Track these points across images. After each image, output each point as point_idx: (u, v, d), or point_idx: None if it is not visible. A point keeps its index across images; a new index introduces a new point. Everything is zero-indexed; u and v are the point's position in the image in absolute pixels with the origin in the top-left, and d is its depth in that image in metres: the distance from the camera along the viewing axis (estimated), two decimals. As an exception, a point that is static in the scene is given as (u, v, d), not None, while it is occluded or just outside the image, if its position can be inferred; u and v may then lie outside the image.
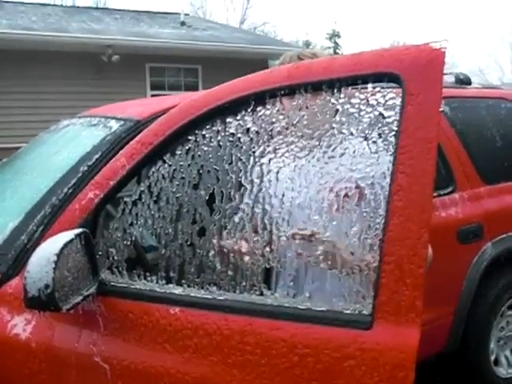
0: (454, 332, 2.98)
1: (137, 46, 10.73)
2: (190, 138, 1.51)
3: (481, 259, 2.98)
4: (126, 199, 1.61)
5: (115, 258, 1.61)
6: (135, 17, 13.29)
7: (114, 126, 2.15)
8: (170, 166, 1.54)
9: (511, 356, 3.31)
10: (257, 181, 1.41)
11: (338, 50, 24.21)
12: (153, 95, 10.94)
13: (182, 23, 13.05)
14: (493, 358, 3.20)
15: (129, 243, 1.62)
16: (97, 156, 1.98)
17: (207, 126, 1.49)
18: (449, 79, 3.61)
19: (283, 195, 1.40)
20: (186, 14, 14.07)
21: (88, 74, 10.31)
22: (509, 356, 3.30)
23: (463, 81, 3.53)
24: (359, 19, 64.49)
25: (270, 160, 1.42)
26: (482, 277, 2.97)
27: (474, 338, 3.08)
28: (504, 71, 36.47)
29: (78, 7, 14.91)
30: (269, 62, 12.80)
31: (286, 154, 1.41)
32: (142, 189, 1.58)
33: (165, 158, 1.54)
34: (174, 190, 1.54)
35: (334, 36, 23.94)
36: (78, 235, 1.51)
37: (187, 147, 1.51)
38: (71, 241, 1.47)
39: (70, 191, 1.85)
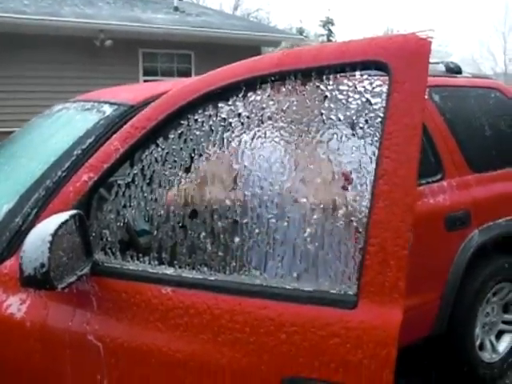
0: (441, 316, 3.04)
1: (130, 31, 10.65)
2: (182, 122, 1.54)
3: (467, 246, 3.03)
4: (119, 182, 1.64)
5: (108, 239, 1.64)
6: (128, 1, 13.13)
7: (108, 110, 2.18)
8: (162, 149, 1.57)
9: (496, 341, 3.38)
10: (247, 164, 1.44)
11: (331, 38, 24.14)
12: (145, 81, 10.90)
13: (176, 8, 12.95)
14: (478, 342, 3.26)
15: (121, 225, 1.65)
16: (90, 140, 2.00)
17: (199, 111, 1.52)
18: (439, 68, 3.65)
19: (272, 178, 1.44)
20: (179, 0, 13.97)
21: (80, 59, 10.22)
22: (493, 341, 3.37)
23: (453, 70, 3.55)
24: (353, 6, 64.37)
25: (260, 144, 1.45)
26: (469, 263, 3.02)
27: (460, 323, 3.14)
28: (497, 61, 36.60)
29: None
30: (262, 48, 12.77)
31: (276, 139, 1.45)
32: (135, 172, 1.61)
33: (158, 141, 1.57)
34: (166, 173, 1.57)
35: (327, 23, 23.87)
36: (72, 216, 1.54)
37: (179, 131, 1.54)
38: (66, 222, 1.50)
39: (63, 174, 1.86)
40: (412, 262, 2.73)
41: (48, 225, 1.47)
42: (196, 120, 1.51)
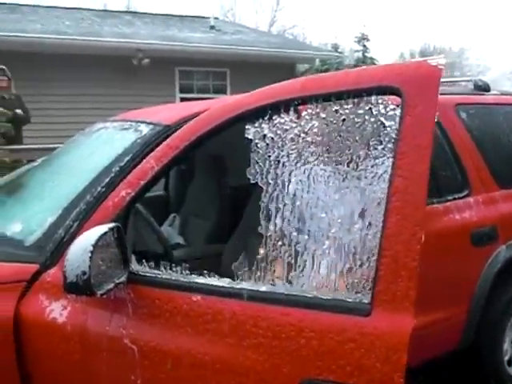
0: (467, 331, 3.06)
1: (167, 50, 10.89)
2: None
3: (495, 261, 3.05)
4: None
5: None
6: (165, 21, 13.50)
7: (145, 130, 2.27)
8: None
9: (525, 357, 3.38)
10: (272, 182, 1.55)
11: (366, 53, 24.08)
12: (182, 98, 11.15)
13: (212, 27, 13.23)
14: (507, 358, 3.27)
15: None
16: (128, 158, 2.09)
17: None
18: (468, 86, 3.71)
19: (295, 195, 1.54)
20: (215, 18, 14.22)
21: (119, 78, 10.51)
22: (524, 357, 3.37)
23: (481, 87, 3.60)
24: (388, 22, 64.12)
25: (283, 164, 1.56)
26: (496, 278, 3.04)
27: (487, 338, 3.16)
28: (537, 75, 35.85)
29: (109, 11, 15.18)
30: (296, 65, 12.89)
31: (297, 159, 1.55)
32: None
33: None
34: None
35: (362, 39, 23.82)
36: (111, 229, 1.67)
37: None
38: (105, 233, 1.63)
39: (103, 190, 1.96)
40: (439, 276, 2.82)
41: (89, 236, 1.60)
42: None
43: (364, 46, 23.78)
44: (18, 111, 6.59)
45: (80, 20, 11.82)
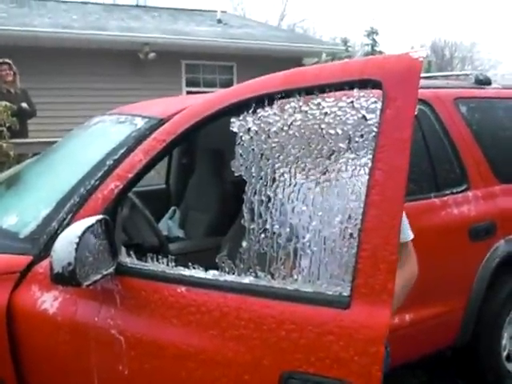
0: (465, 326, 3.06)
1: (173, 44, 10.88)
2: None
3: (493, 256, 3.04)
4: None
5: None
6: (172, 14, 13.50)
7: (139, 123, 2.27)
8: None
9: (526, 353, 3.37)
10: (254, 174, 1.55)
11: (375, 47, 23.96)
12: (188, 92, 11.16)
13: (219, 21, 13.20)
14: (505, 353, 3.26)
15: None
16: (122, 151, 2.08)
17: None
18: (469, 80, 3.69)
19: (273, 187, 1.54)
20: (222, 12, 14.19)
21: (125, 71, 10.55)
22: (523, 353, 3.36)
23: (482, 81, 3.58)
24: (399, 16, 63.68)
25: (267, 158, 1.56)
26: (494, 273, 3.04)
27: (485, 334, 3.15)
28: (549, 69, 35.50)
29: (117, 5, 15.23)
30: (304, 59, 12.85)
31: (281, 151, 1.55)
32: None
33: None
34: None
35: (372, 33, 23.70)
36: (98, 221, 1.69)
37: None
38: (92, 225, 1.65)
39: (96, 183, 1.97)
40: (436, 271, 2.82)
41: (76, 228, 1.62)
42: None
43: (373, 39, 23.66)
44: (24, 105, 6.64)
45: (87, 14, 11.84)
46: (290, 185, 1.53)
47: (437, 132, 3.07)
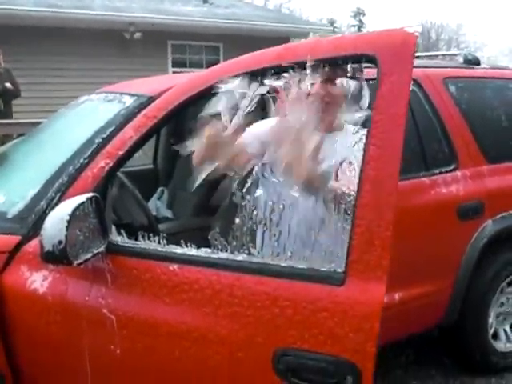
0: (452, 305, 3.08)
1: (159, 24, 10.77)
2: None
3: (480, 236, 3.06)
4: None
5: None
6: (158, -6, 13.33)
7: (128, 101, 2.24)
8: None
9: (510, 331, 3.41)
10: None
11: (362, 28, 23.93)
12: (174, 72, 11.06)
13: (205, 1, 13.05)
14: (491, 332, 3.30)
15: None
16: (111, 129, 2.06)
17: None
18: (457, 60, 3.69)
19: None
20: (209, -8, 14.05)
21: (111, 51, 10.43)
22: (508, 331, 3.39)
23: (471, 61, 3.58)
24: (386, -3, 63.36)
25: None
26: (482, 253, 3.06)
27: (473, 313, 3.18)
28: (535, 52, 35.71)
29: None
30: (291, 39, 12.77)
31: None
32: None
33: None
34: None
35: (358, 14, 23.68)
36: (89, 199, 1.67)
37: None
38: (83, 203, 1.63)
39: (85, 161, 1.95)
40: (424, 250, 2.83)
41: (66, 206, 1.60)
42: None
43: (360, 20, 23.64)
44: (8, 85, 6.54)
45: (72, -7, 11.64)
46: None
47: (426, 111, 3.07)
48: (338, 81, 1.47)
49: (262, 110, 1.79)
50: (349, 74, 1.40)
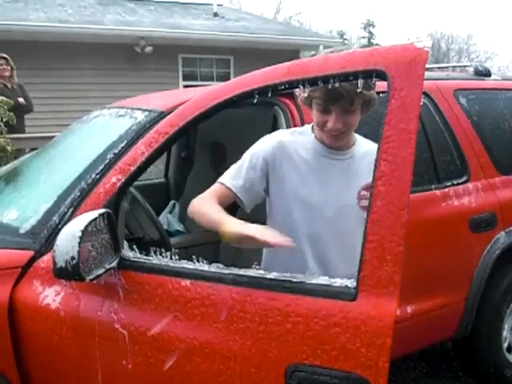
0: (465, 318, 3.05)
1: (170, 37, 10.82)
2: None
3: (493, 248, 3.03)
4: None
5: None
6: (168, 8, 13.41)
7: (140, 116, 2.27)
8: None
9: (527, 344, 3.37)
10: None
11: (372, 40, 23.95)
12: (185, 86, 11.12)
13: (215, 14, 13.15)
14: (506, 345, 3.27)
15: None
16: (122, 144, 2.07)
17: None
18: (468, 71, 3.68)
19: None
20: (218, 5, 14.11)
21: (122, 65, 10.49)
22: (524, 344, 3.36)
23: (482, 72, 3.57)
24: (395, 8, 63.51)
25: None
26: (494, 265, 3.02)
27: (486, 325, 3.14)
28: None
29: (113, -1, 15.11)
30: (301, 52, 12.82)
31: None
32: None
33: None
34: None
35: (368, 25, 23.70)
36: (101, 215, 1.68)
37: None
38: (95, 219, 1.63)
39: (97, 177, 1.97)
40: (437, 262, 2.81)
41: (78, 222, 1.61)
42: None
43: (370, 32, 23.66)
44: (21, 100, 6.60)
45: (83, 8, 11.76)
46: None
47: (437, 124, 3.06)
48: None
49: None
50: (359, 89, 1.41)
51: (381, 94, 1.65)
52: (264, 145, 1.84)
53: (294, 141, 1.86)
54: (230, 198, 1.84)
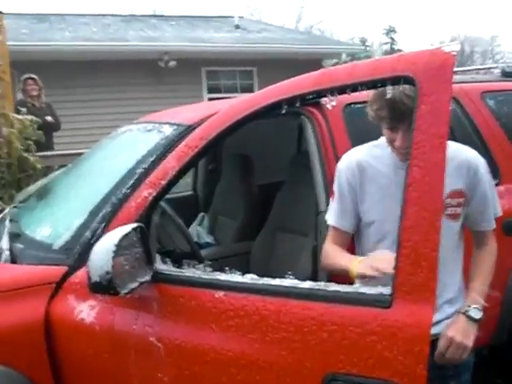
0: (502, 323, 3.00)
1: (193, 51, 10.94)
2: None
3: (528, 250, 2.99)
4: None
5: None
6: (190, 22, 13.56)
7: (167, 130, 2.28)
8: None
9: None
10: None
11: (394, 46, 23.78)
12: (209, 98, 11.19)
13: (237, 26, 13.24)
14: (543, 354, 3.20)
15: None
16: (152, 159, 2.09)
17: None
18: (495, 73, 3.63)
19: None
20: (240, 17, 14.22)
21: (146, 81, 10.63)
22: None
23: (510, 73, 3.52)
24: (417, 13, 63.12)
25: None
26: (530, 268, 2.99)
27: (523, 331, 3.09)
28: None
29: (135, 16, 15.33)
30: (323, 61, 12.80)
31: None
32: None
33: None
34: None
35: (390, 31, 23.54)
36: (134, 229, 1.70)
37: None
38: (128, 234, 1.65)
39: (128, 191, 1.98)
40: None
41: (112, 237, 1.63)
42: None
43: (392, 38, 23.48)
44: (49, 118, 6.73)
45: (106, 26, 11.96)
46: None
47: (465, 127, 3.02)
48: None
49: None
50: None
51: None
52: (343, 172, 1.87)
53: (370, 156, 1.87)
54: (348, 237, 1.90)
